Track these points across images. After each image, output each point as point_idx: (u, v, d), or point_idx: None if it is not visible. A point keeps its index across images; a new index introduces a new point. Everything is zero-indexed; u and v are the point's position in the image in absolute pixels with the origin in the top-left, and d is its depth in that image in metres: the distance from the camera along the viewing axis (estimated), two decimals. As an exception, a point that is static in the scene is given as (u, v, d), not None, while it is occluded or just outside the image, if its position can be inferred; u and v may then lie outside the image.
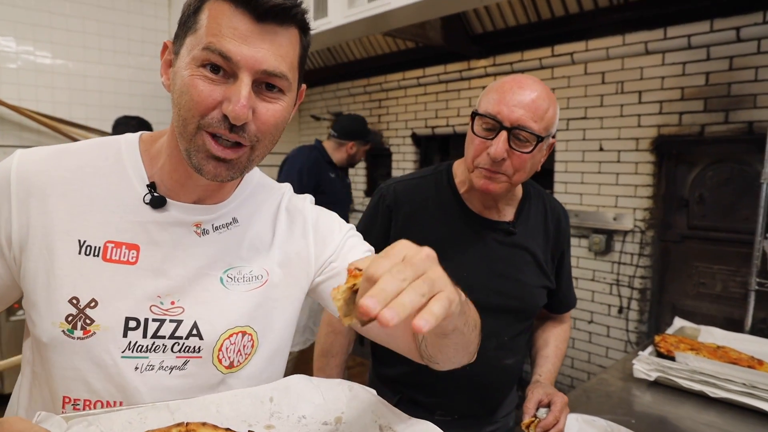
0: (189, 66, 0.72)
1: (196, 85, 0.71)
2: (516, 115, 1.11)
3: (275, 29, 0.73)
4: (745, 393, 1.35)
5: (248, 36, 0.70)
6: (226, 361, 0.84)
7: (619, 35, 3.06)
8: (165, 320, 0.79)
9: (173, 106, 0.76)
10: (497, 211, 1.31)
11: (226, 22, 0.70)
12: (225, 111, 0.71)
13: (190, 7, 0.75)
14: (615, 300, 3.26)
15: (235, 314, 0.84)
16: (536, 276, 1.32)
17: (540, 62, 3.45)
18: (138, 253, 0.79)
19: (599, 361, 3.34)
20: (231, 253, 0.85)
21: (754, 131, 2.63)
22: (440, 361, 0.87)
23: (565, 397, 1.16)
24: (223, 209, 0.86)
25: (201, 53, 0.71)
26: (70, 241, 0.76)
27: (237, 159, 0.75)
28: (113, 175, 0.80)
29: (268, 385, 0.81)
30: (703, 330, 1.82)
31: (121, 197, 0.80)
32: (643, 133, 3.05)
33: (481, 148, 1.16)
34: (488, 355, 1.28)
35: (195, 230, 0.83)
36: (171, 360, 0.80)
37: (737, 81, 2.68)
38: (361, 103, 4.93)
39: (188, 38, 0.74)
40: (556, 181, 3.45)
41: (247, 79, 0.71)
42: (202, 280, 0.82)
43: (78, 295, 0.76)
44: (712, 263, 2.95)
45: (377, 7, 2.67)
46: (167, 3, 4.70)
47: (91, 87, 4.33)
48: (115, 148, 0.83)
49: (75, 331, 0.75)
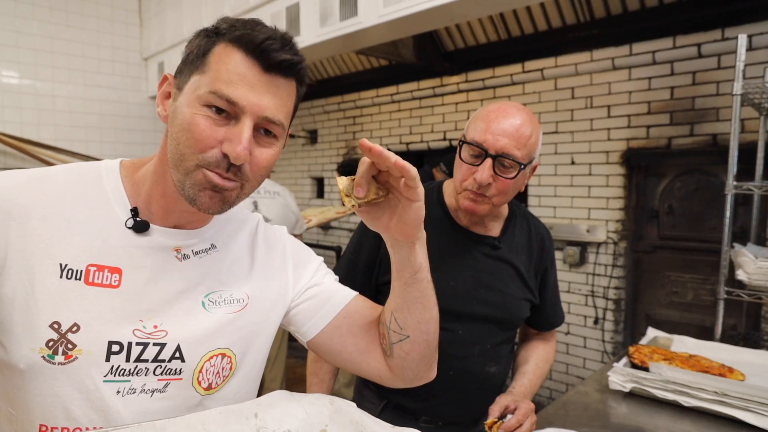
0: (193, 104, 0.75)
1: (198, 123, 0.74)
2: (500, 144, 1.18)
3: (279, 81, 0.77)
4: (716, 401, 1.37)
5: (255, 84, 0.75)
6: (204, 383, 0.85)
7: (587, 51, 3.14)
8: (149, 343, 0.79)
9: (170, 139, 0.77)
10: (484, 227, 1.37)
11: (235, 69, 0.74)
12: (225, 150, 0.74)
13: (200, 48, 0.78)
14: (591, 311, 3.30)
15: (216, 337, 0.85)
16: (519, 289, 1.38)
17: (511, 78, 3.51)
18: (120, 277, 0.79)
19: (577, 372, 3.37)
20: (211, 278, 0.87)
21: (718, 143, 2.71)
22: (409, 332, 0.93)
23: (532, 404, 1.20)
24: (202, 235, 0.88)
25: (208, 95, 0.74)
26: (52, 265, 0.75)
27: (231, 190, 0.78)
28: (94, 200, 0.80)
29: (252, 402, 0.82)
30: (676, 339, 1.85)
31: (102, 222, 0.80)
32: (613, 146, 3.12)
33: (468, 174, 1.23)
34: (472, 361, 1.33)
35: (176, 255, 0.84)
36: (153, 383, 0.80)
37: (700, 95, 2.77)
38: (335, 120, 4.94)
39: (195, 76, 0.76)
40: (530, 194, 3.50)
41: (250, 123, 0.75)
42: (184, 304, 0.83)
43: (59, 320, 0.74)
44: (683, 272, 3.01)
45: (349, 26, 2.70)
46: (138, 23, 4.68)
47: (60, 107, 4.26)
48: (95, 173, 0.83)
49: (56, 356, 0.73)
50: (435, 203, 1.38)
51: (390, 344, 0.94)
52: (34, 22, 4.08)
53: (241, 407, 0.80)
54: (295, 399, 0.85)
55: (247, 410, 0.81)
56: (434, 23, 2.68)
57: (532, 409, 1.18)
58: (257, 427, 0.79)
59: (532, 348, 1.51)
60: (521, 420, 1.15)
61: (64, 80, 4.27)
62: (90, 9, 4.37)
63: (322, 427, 0.82)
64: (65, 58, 4.26)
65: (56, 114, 4.25)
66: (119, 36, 4.55)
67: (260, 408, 0.82)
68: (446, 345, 1.29)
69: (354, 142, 4.77)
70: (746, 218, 2.53)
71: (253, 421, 0.80)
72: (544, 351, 1.50)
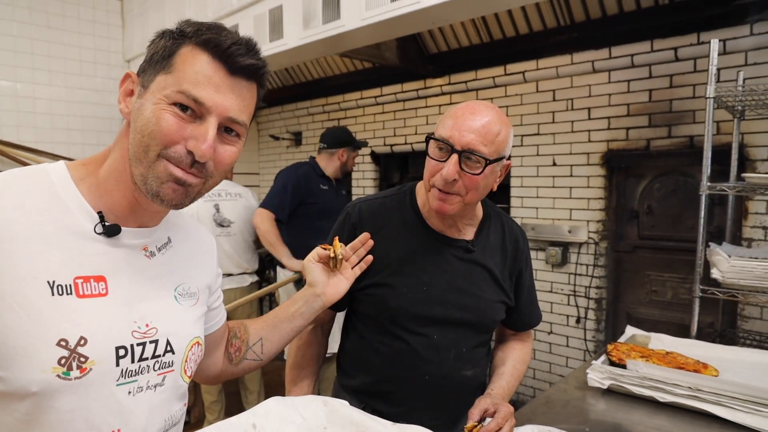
0: (160, 101, 0.77)
1: (166, 118, 0.77)
2: (466, 140, 1.17)
3: (243, 83, 0.82)
4: (691, 396, 1.41)
5: (220, 86, 0.79)
6: (189, 371, 0.92)
7: (568, 54, 3.19)
8: (146, 342, 0.83)
9: (133, 133, 0.79)
10: (457, 230, 1.36)
11: (202, 71, 0.78)
12: (191, 147, 0.78)
13: (165, 49, 0.80)
14: (573, 310, 3.35)
15: (191, 327, 0.93)
16: (494, 292, 1.37)
17: (493, 81, 3.55)
18: (106, 285, 0.80)
19: (560, 371, 3.41)
20: (176, 272, 0.93)
21: (694, 145, 2.77)
22: (265, 359, 1.17)
23: (511, 407, 1.20)
24: (159, 230, 0.92)
25: (175, 94, 0.77)
26: (40, 284, 0.74)
27: (194, 185, 0.81)
28: (54, 211, 0.78)
29: (247, 413, 0.85)
30: (654, 337, 1.89)
31: (71, 231, 0.79)
32: (594, 148, 3.17)
33: (435, 170, 1.22)
34: (448, 365, 1.32)
35: (144, 254, 0.88)
36: (154, 378, 0.85)
37: (677, 98, 2.83)
38: (320, 122, 4.95)
39: (160, 76, 0.79)
40: (513, 195, 3.54)
41: (215, 123, 0.79)
42: (162, 300, 0.89)
43: (66, 336, 0.74)
44: (662, 271, 3.07)
45: (332, 29, 2.71)
46: (121, 24, 4.65)
47: (41, 109, 4.21)
48: (45, 180, 0.80)
49: (71, 372, 0.74)
50: (407, 206, 1.37)
51: (242, 358, 1.14)
52: (13, 23, 4.03)
53: (237, 420, 0.83)
54: (289, 404, 0.87)
55: (244, 422, 0.82)
56: (417, 26, 2.70)
57: (511, 412, 1.18)
58: None
59: (509, 349, 1.50)
60: (501, 423, 1.14)
61: (45, 82, 4.22)
62: (71, 10, 4.33)
63: (322, 429, 0.83)
64: (46, 59, 4.21)
65: (36, 116, 4.20)
66: (101, 37, 4.51)
67: (257, 418, 0.83)
68: (421, 350, 1.30)
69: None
70: (722, 218, 2.59)
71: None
72: (520, 352, 1.50)
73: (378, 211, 1.37)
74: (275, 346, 1.16)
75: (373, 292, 1.31)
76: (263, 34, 3.18)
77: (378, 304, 1.31)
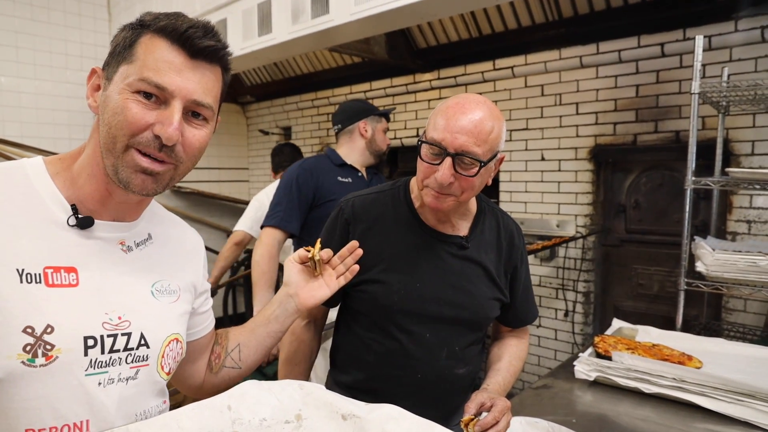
0: (123, 91, 0.78)
1: (130, 107, 0.78)
2: (459, 142, 1.14)
3: (204, 66, 0.83)
4: (675, 387, 1.44)
5: (182, 70, 0.80)
6: (167, 368, 0.92)
7: (556, 50, 3.21)
8: (117, 334, 0.83)
9: (102, 125, 0.80)
10: (451, 226, 1.34)
11: (162, 57, 0.79)
12: (157, 132, 0.79)
13: (126, 41, 0.82)
14: (561, 304, 3.38)
15: (168, 323, 0.93)
16: (488, 288, 1.35)
17: (482, 76, 3.56)
18: (77, 275, 0.81)
19: (548, 364, 3.44)
20: (154, 269, 0.93)
21: (680, 140, 2.80)
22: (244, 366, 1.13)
23: (508, 402, 1.19)
24: (139, 225, 0.93)
25: (138, 82, 0.78)
26: (8, 272, 0.75)
27: (163, 173, 0.82)
28: (28, 202, 0.81)
29: (223, 395, 0.85)
30: (641, 329, 1.92)
31: (44, 223, 0.80)
32: (581, 142, 3.19)
33: (429, 172, 1.20)
34: (440, 364, 1.31)
35: (121, 248, 0.89)
36: (126, 371, 0.85)
37: (664, 93, 2.86)
38: (309, 117, 4.94)
39: (122, 67, 0.80)
40: (502, 190, 3.56)
41: (179, 106, 0.80)
42: (137, 294, 0.89)
43: (32, 324, 0.75)
44: (649, 265, 3.11)
45: (321, 23, 2.70)
46: (107, 18, 4.60)
47: (26, 104, 4.16)
48: (20, 173, 0.83)
49: (36, 359, 0.75)
50: (401, 202, 1.35)
51: (221, 366, 1.11)
52: (-3, 16, 3.98)
53: (212, 401, 0.83)
54: (265, 387, 0.88)
55: (219, 404, 0.83)
56: (405, 21, 2.70)
57: (508, 407, 1.17)
58: (232, 419, 0.82)
59: (505, 345, 1.49)
60: (498, 417, 1.13)
61: (30, 76, 4.17)
62: (56, 3, 4.27)
63: (297, 411, 0.85)
64: (31, 53, 4.16)
65: (22, 110, 4.15)
66: (87, 31, 4.46)
67: (232, 400, 0.84)
68: (413, 349, 1.30)
69: (328, 139, 4.77)
70: (708, 212, 2.63)
71: (228, 413, 0.82)
72: (516, 348, 1.48)
73: (371, 206, 1.36)
74: (253, 352, 1.12)
75: (365, 289, 1.30)
76: (252, 28, 3.17)
77: (370, 301, 1.30)
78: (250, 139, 5.66)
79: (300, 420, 0.83)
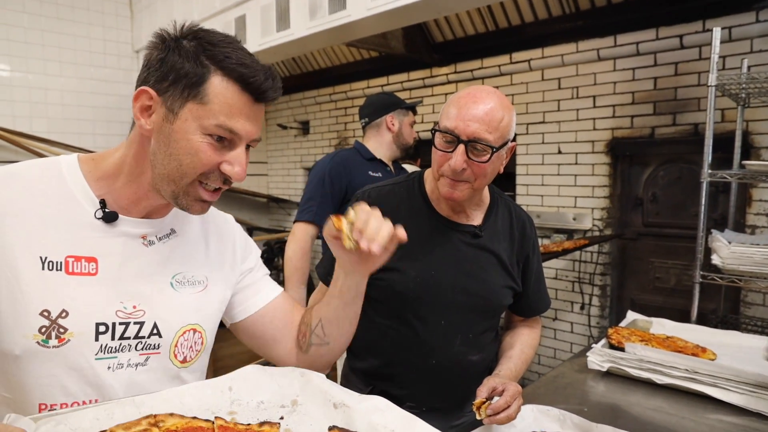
0: (197, 131, 0.83)
1: (205, 150, 0.84)
2: (471, 129, 1.19)
3: (262, 107, 0.89)
4: (687, 378, 1.45)
5: (249, 115, 0.86)
6: (180, 356, 0.95)
7: (573, 43, 3.19)
8: (129, 323, 0.88)
9: (165, 156, 0.84)
10: (465, 216, 1.38)
11: (234, 104, 0.84)
12: (226, 171, 0.86)
13: (195, 76, 0.82)
14: (577, 297, 3.38)
15: (186, 314, 0.96)
16: (501, 277, 1.39)
17: (499, 69, 3.56)
18: (97, 265, 0.87)
19: (564, 357, 3.45)
20: (176, 261, 0.97)
21: (699, 132, 2.78)
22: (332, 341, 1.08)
23: (519, 387, 1.21)
24: (164, 222, 0.97)
25: (214, 128, 0.83)
26: (32, 258, 0.82)
27: (215, 200, 0.91)
28: (60, 196, 0.87)
29: (225, 376, 0.90)
30: (655, 322, 1.93)
31: (72, 215, 0.87)
32: (599, 135, 3.18)
33: (443, 160, 1.25)
34: (454, 350, 1.35)
35: (143, 242, 0.93)
36: (135, 357, 0.89)
37: (682, 85, 2.83)
38: (327, 111, 4.98)
39: (191, 104, 0.83)
40: (518, 183, 3.56)
41: (244, 146, 0.87)
42: (155, 285, 0.93)
43: (48, 308, 0.81)
44: (666, 258, 3.09)
45: (338, 19, 2.74)
46: (129, 15, 4.68)
47: (52, 100, 4.27)
48: (56, 170, 0.89)
49: (50, 340, 0.81)
50: (416, 193, 1.39)
51: (309, 344, 1.08)
52: (24, 15, 4.08)
53: (215, 381, 0.89)
54: (267, 372, 0.93)
55: (221, 384, 0.88)
56: (422, 15, 2.72)
57: (519, 392, 1.20)
58: (231, 400, 0.87)
59: (517, 334, 1.52)
60: (509, 401, 1.16)
61: (56, 73, 4.28)
62: (80, 1, 4.37)
63: (293, 397, 0.89)
64: (56, 50, 4.26)
65: (48, 107, 4.26)
66: (110, 28, 4.55)
67: (234, 381, 0.89)
68: (428, 335, 1.33)
69: (345, 133, 4.81)
70: (727, 206, 2.61)
71: (228, 394, 0.87)
72: (529, 337, 1.51)
73: (387, 197, 1.40)
74: (335, 326, 1.06)
75: (381, 276, 1.32)
76: (270, 24, 3.21)
77: (387, 288, 1.33)
78: (268, 133, 5.72)
79: (295, 405, 0.87)
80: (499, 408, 1.14)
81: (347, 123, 4.79)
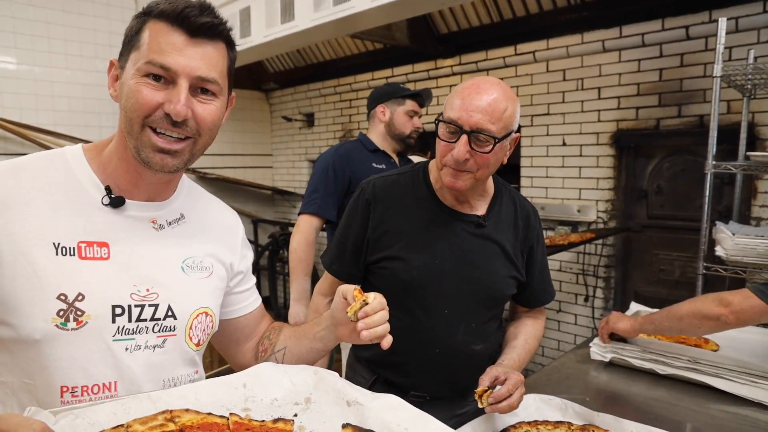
0: (134, 76, 0.85)
1: (141, 90, 0.84)
2: (474, 120, 1.20)
3: (205, 42, 0.87)
4: (690, 369, 1.46)
5: (183, 49, 0.85)
6: (195, 339, 0.97)
7: (578, 34, 3.18)
8: (144, 305, 0.90)
9: (121, 111, 0.88)
10: (469, 206, 1.39)
11: (164, 39, 0.85)
12: (167, 110, 0.85)
13: (132, 29, 0.88)
14: (581, 289, 3.39)
15: (197, 297, 0.98)
16: (505, 267, 1.40)
17: (504, 61, 3.55)
18: (109, 250, 0.89)
19: (568, 348, 3.46)
20: (185, 246, 0.99)
21: (704, 124, 2.76)
22: None
23: (522, 376, 1.22)
24: (171, 205, 0.99)
25: (144, 66, 0.84)
26: (46, 245, 0.84)
27: (181, 150, 0.89)
28: (67, 184, 0.89)
29: (240, 373, 0.91)
30: (658, 313, 1.94)
31: (80, 203, 0.89)
32: (603, 127, 3.17)
33: (446, 150, 1.26)
34: (457, 339, 1.36)
35: (152, 226, 0.96)
36: (153, 339, 0.91)
37: (688, 77, 2.82)
38: (332, 103, 4.98)
39: (132, 54, 0.87)
40: (523, 175, 3.56)
41: (185, 84, 0.85)
42: (167, 269, 0.95)
43: (65, 292, 0.83)
44: (670, 250, 3.09)
45: (342, 10, 2.73)
46: (134, 7, 4.68)
47: (59, 92, 4.29)
48: (62, 159, 0.92)
49: (68, 323, 0.83)
50: (421, 183, 1.40)
51: (266, 360, 1.12)
52: (29, 8, 4.09)
53: (230, 378, 0.90)
54: (281, 370, 0.94)
55: (236, 381, 0.90)
56: (427, 7, 2.72)
57: (521, 381, 1.21)
58: (246, 396, 0.88)
59: (521, 325, 1.52)
60: (511, 390, 1.17)
61: (62, 65, 4.29)
62: (85, -6, 4.38)
63: (307, 395, 0.90)
64: (62, 43, 4.28)
65: (54, 99, 4.28)
66: (115, 20, 4.56)
67: (248, 378, 0.91)
68: (432, 324, 1.34)
69: (350, 125, 4.81)
70: (732, 197, 2.60)
71: (242, 390, 0.89)
72: (533, 327, 1.51)
73: (392, 186, 1.41)
74: (295, 360, 1.09)
75: (386, 265, 1.35)
76: (275, 16, 3.21)
77: (390, 277, 1.35)
78: (273, 125, 5.73)
79: (309, 403, 0.88)
80: (500, 396, 1.15)
81: (352, 115, 4.79)
